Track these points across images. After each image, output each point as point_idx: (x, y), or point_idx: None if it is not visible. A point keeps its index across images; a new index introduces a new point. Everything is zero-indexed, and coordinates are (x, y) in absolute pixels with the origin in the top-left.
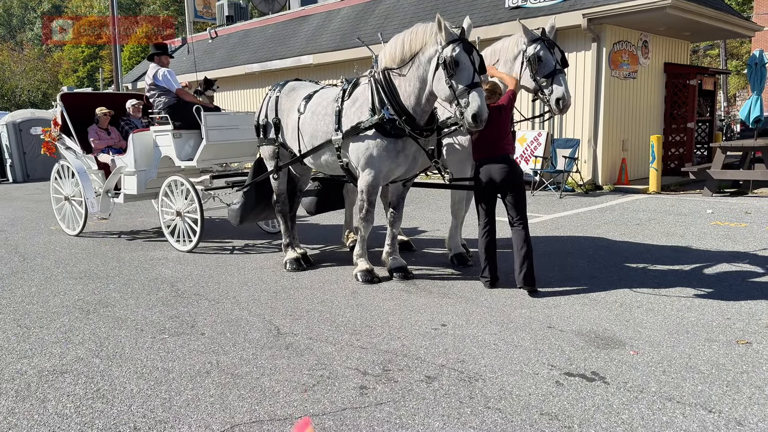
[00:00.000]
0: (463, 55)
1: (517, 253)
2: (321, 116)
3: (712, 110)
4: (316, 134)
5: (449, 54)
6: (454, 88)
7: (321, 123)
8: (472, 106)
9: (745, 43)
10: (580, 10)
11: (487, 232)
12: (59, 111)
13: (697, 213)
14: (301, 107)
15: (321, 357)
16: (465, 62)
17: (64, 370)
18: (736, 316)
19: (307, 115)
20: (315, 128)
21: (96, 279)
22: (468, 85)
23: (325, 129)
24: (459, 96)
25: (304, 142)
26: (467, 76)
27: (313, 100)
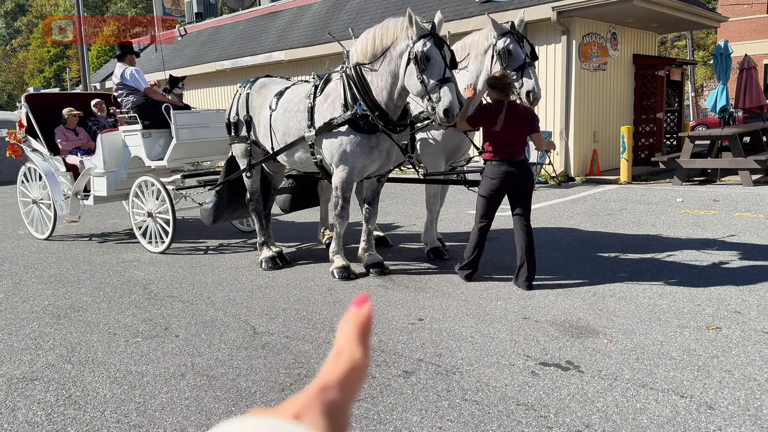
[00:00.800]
0: (434, 50)
1: (523, 252)
2: (293, 113)
3: (680, 101)
4: (288, 131)
5: (420, 49)
6: (426, 83)
7: (293, 120)
8: (443, 101)
9: (711, 34)
10: (550, 3)
11: (485, 228)
12: (24, 112)
13: (667, 202)
14: (272, 104)
15: (298, 356)
16: (436, 57)
17: (34, 377)
18: (706, 302)
19: (279, 112)
20: (287, 125)
21: (66, 283)
22: (439, 80)
23: (298, 126)
24: (430, 91)
25: (276, 139)
26: (438, 71)
27: (285, 97)
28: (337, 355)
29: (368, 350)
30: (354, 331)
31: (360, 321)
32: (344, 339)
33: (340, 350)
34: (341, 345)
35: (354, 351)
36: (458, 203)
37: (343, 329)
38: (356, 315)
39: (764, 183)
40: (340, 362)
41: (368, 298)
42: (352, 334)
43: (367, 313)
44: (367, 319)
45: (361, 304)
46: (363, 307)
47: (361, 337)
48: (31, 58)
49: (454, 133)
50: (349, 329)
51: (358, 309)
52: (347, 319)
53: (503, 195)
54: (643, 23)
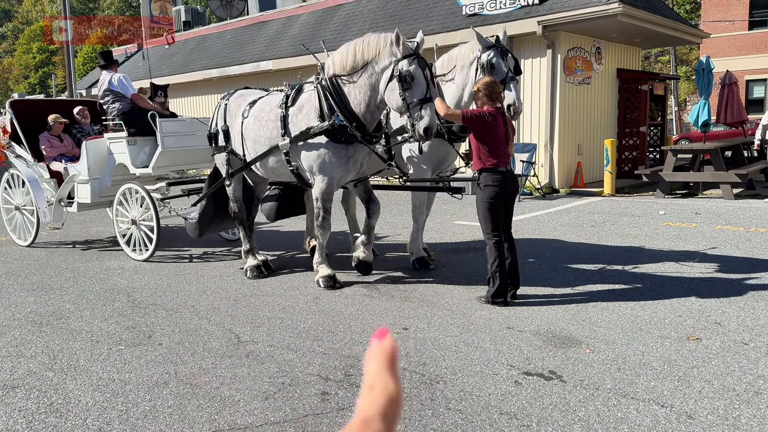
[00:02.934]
0: (418, 71)
1: (510, 262)
2: (264, 122)
3: (663, 114)
4: (259, 140)
5: (405, 68)
6: (408, 101)
7: (264, 129)
8: (424, 120)
9: (694, 50)
10: (535, 17)
11: (500, 242)
12: (9, 118)
13: (650, 214)
14: (245, 112)
15: (282, 364)
16: (419, 77)
17: (15, 384)
18: (687, 313)
19: (250, 120)
20: (258, 134)
21: (49, 290)
22: (421, 99)
23: (269, 135)
24: (411, 109)
25: (247, 147)
26: (421, 91)
27: (257, 106)
28: (371, 389)
29: (399, 381)
30: (382, 363)
31: (386, 353)
32: (374, 372)
33: (371, 384)
34: (372, 379)
35: (387, 383)
36: (444, 213)
37: (370, 363)
38: (380, 348)
39: (745, 197)
40: (375, 395)
41: (388, 331)
42: (381, 367)
43: (391, 345)
44: (392, 351)
45: (382, 336)
46: (385, 339)
47: (390, 368)
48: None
49: (440, 145)
50: (377, 362)
51: (380, 342)
52: (372, 352)
53: (503, 201)
54: (628, 38)
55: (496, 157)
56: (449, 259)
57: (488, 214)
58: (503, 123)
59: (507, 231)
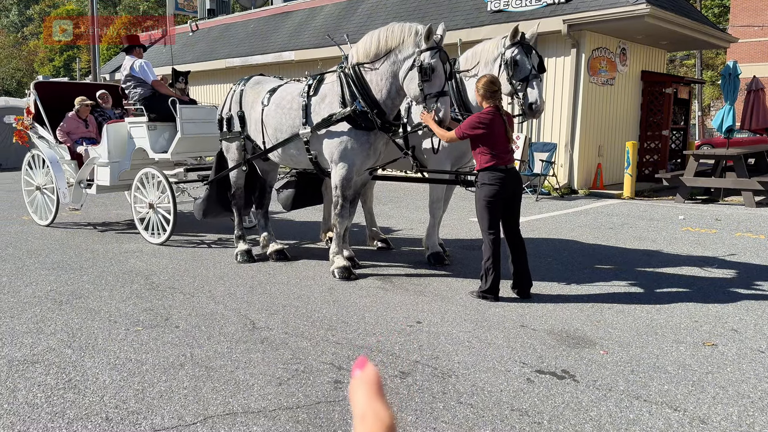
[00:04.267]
0: (439, 65)
1: (518, 261)
2: (286, 110)
3: (686, 119)
4: (280, 128)
5: (427, 60)
6: (425, 92)
7: (286, 117)
8: (440, 112)
9: (721, 54)
10: (561, 15)
11: (497, 240)
12: (33, 100)
13: (669, 219)
14: (264, 100)
15: (296, 351)
16: (439, 71)
17: (35, 360)
18: (704, 318)
19: (271, 107)
20: (279, 121)
21: (69, 270)
22: (438, 92)
23: (291, 123)
24: (427, 101)
25: (267, 134)
26: (439, 84)
27: (277, 94)
28: (363, 420)
29: (390, 407)
30: (369, 392)
31: (371, 381)
32: (363, 402)
33: (362, 415)
34: (362, 410)
35: (379, 411)
36: (460, 210)
37: (356, 394)
38: (364, 378)
39: (767, 204)
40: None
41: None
42: (370, 396)
43: (374, 373)
44: (376, 378)
45: (362, 366)
46: (366, 368)
47: (378, 396)
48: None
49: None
50: (364, 392)
51: (362, 371)
52: (356, 384)
53: (502, 200)
54: (653, 40)
55: (495, 157)
56: (464, 256)
57: (485, 212)
58: (501, 122)
59: (514, 230)
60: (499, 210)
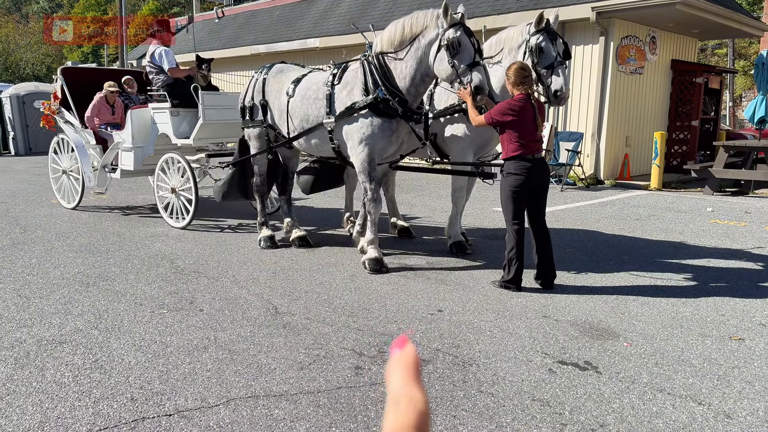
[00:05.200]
0: (464, 37)
1: (543, 252)
2: (312, 100)
3: (717, 109)
4: (306, 118)
5: (452, 35)
6: (457, 67)
7: (312, 107)
8: (474, 81)
9: (754, 44)
10: (589, 3)
11: (521, 231)
12: (59, 85)
13: (697, 211)
14: (289, 90)
15: (318, 337)
16: (466, 43)
17: (63, 340)
18: (731, 312)
19: (297, 99)
20: (306, 112)
21: (96, 253)
22: (469, 64)
23: (316, 113)
24: (461, 75)
25: (294, 124)
26: (469, 56)
27: (302, 84)
28: (396, 404)
29: (425, 392)
30: (406, 375)
31: (408, 364)
32: (399, 385)
33: (397, 398)
34: (397, 393)
35: (414, 396)
36: (483, 200)
37: (392, 376)
38: (402, 359)
39: None
40: (402, 410)
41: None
42: (406, 380)
43: (413, 355)
44: (414, 361)
45: (402, 345)
46: (406, 347)
47: (415, 380)
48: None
49: (484, 128)
50: (401, 375)
51: (401, 351)
52: (394, 365)
53: (529, 191)
54: (684, 28)
55: (523, 146)
56: (486, 245)
57: (510, 203)
58: (531, 110)
59: (540, 221)
60: (525, 200)
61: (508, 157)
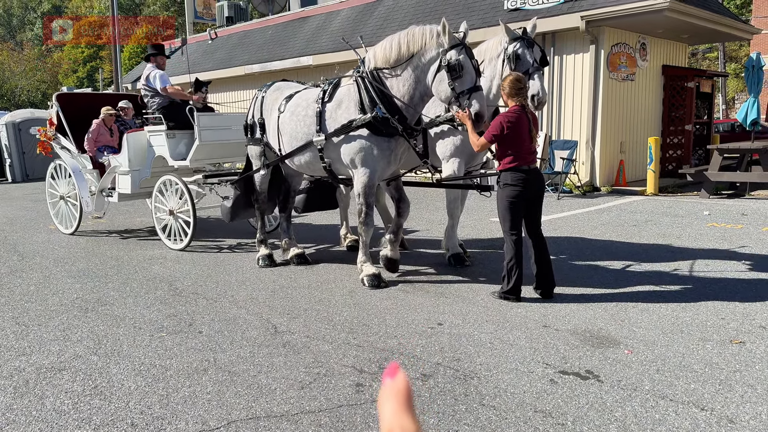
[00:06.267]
0: (467, 60)
1: (541, 261)
2: (301, 117)
3: (710, 113)
4: (295, 135)
5: (454, 58)
6: (457, 90)
7: (300, 124)
8: (474, 106)
9: (744, 46)
10: (578, 12)
11: (519, 241)
12: (55, 111)
13: (694, 214)
14: (281, 106)
15: (318, 355)
16: (468, 66)
17: (62, 367)
18: (731, 316)
19: (286, 114)
20: (294, 129)
21: (94, 278)
22: (470, 88)
23: (306, 130)
24: (461, 98)
25: (283, 141)
26: (470, 80)
27: (293, 100)
28: None
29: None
30: (398, 405)
31: (400, 392)
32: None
33: (390, 428)
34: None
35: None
36: (480, 210)
37: (385, 405)
38: (393, 387)
39: None
40: None
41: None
42: (398, 409)
43: (404, 383)
44: (406, 389)
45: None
46: (397, 376)
47: (407, 409)
48: (65, 59)
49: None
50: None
51: (392, 380)
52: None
53: (524, 201)
54: (674, 34)
55: (518, 158)
56: (485, 256)
57: (507, 213)
58: (526, 121)
59: (536, 230)
60: (522, 211)
61: (504, 168)
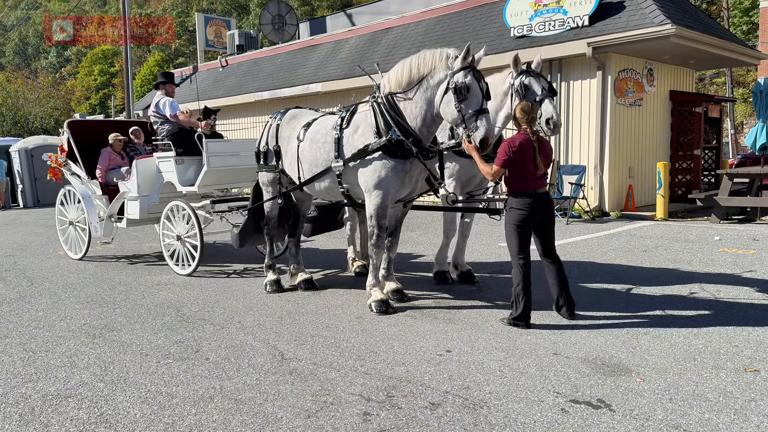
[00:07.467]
0: (474, 83)
1: (557, 285)
2: (320, 144)
3: (718, 137)
4: (315, 162)
5: (461, 80)
6: (463, 112)
7: (320, 151)
8: (480, 130)
9: (752, 71)
10: (585, 38)
11: (527, 265)
12: (66, 138)
13: (704, 240)
14: (300, 135)
15: (325, 383)
16: (475, 89)
17: (68, 394)
18: (744, 343)
19: (306, 143)
20: (314, 156)
21: (103, 303)
22: (476, 110)
23: (326, 157)
24: (467, 120)
25: (303, 169)
26: (476, 102)
27: (312, 128)
28: None
29: None
30: None
31: None
32: None
33: None
34: None
35: None
36: (489, 235)
37: None
38: None
39: None
40: None
41: None
42: None
43: None
44: None
45: None
46: None
47: None
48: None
49: (470, 164)
50: None
51: None
52: None
53: (532, 226)
54: (681, 60)
55: (524, 183)
56: (494, 282)
57: (513, 237)
58: (531, 147)
59: (551, 253)
60: (529, 235)
61: (511, 192)
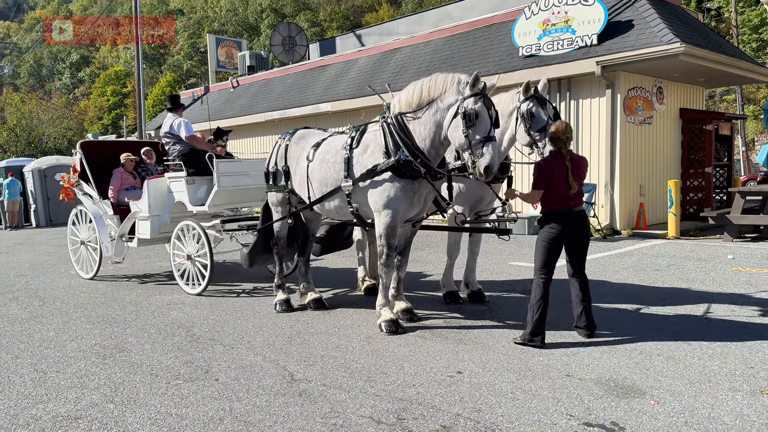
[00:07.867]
0: (483, 110)
1: (581, 303)
2: (330, 164)
3: (729, 155)
4: (325, 181)
5: (471, 106)
6: (470, 138)
7: (330, 171)
8: (485, 158)
9: (762, 88)
10: (594, 57)
11: (548, 283)
12: (78, 158)
13: (717, 258)
14: (309, 155)
15: (334, 404)
16: (484, 116)
17: (78, 415)
18: (760, 364)
19: (316, 163)
20: (324, 176)
21: (113, 324)
22: (484, 137)
23: (335, 176)
24: (473, 146)
25: (313, 188)
26: (484, 129)
27: (322, 148)
28: None
29: None
30: None
31: None
32: None
33: None
34: None
35: None
36: (500, 253)
37: None
38: None
39: None
40: None
41: None
42: None
43: None
44: None
45: None
46: None
47: None
48: (91, 106)
49: (477, 185)
50: None
51: None
52: None
53: (563, 244)
54: (690, 78)
55: (555, 201)
56: (505, 301)
57: (541, 253)
58: (562, 167)
59: (580, 271)
60: (557, 253)
61: (543, 211)
